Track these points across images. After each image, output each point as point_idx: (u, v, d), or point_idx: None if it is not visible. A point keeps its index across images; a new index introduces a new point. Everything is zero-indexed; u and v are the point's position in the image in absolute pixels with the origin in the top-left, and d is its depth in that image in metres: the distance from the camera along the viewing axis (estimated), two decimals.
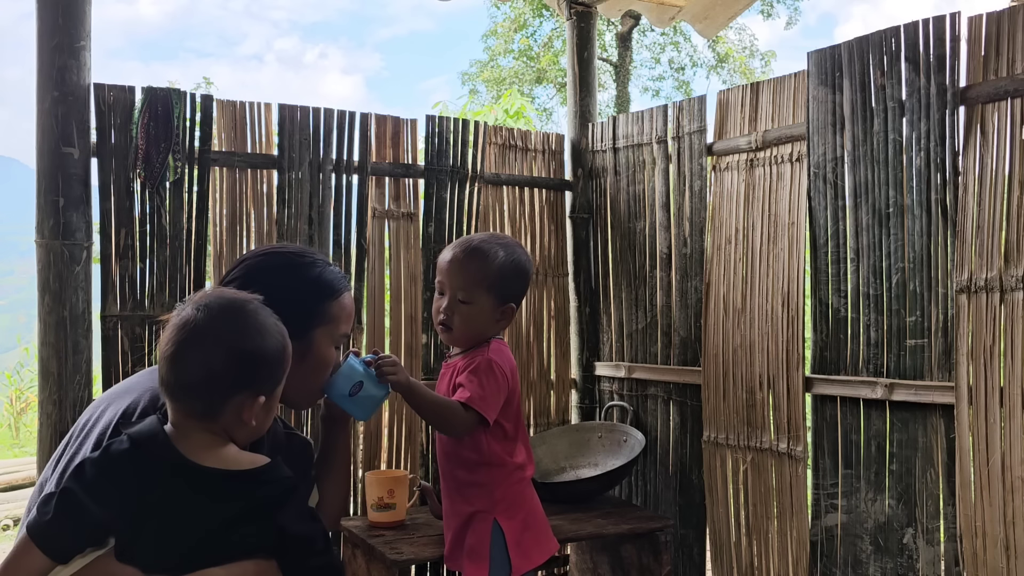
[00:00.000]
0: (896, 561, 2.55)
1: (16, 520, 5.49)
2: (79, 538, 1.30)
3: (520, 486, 2.12)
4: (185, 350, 1.34)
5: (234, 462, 1.37)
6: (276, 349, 1.41)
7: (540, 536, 2.13)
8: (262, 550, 1.37)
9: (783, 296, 2.86)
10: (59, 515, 1.28)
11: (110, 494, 1.30)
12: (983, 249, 2.36)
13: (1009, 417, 2.29)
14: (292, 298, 1.59)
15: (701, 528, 3.17)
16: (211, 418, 1.37)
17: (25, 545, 1.28)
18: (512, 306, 2.10)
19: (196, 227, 2.88)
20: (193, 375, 1.34)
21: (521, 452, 2.13)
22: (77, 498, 1.29)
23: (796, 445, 2.82)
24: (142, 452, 1.33)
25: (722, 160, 3.11)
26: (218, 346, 1.35)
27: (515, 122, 7.51)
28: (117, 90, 2.77)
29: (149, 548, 1.31)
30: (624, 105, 16.11)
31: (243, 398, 1.37)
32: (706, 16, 3.81)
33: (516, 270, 2.09)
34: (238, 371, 1.36)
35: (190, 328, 1.35)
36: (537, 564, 2.10)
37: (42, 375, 2.62)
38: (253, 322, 1.39)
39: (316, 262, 1.70)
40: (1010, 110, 2.33)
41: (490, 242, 2.08)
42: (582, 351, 3.64)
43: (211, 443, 1.37)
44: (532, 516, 2.13)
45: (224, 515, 1.34)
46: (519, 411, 2.17)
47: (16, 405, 9.37)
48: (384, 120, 3.23)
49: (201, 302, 1.38)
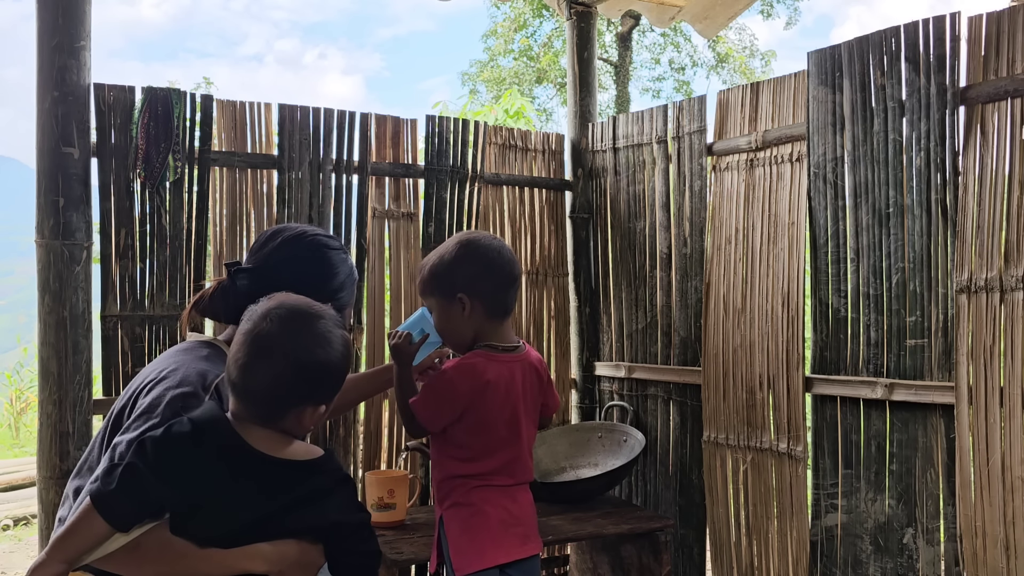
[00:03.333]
0: (896, 561, 2.55)
1: (16, 520, 5.48)
2: (139, 510, 1.37)
3: (468, 489, 2.05)
4: (255, 362, 1.42)
5: (291, 452, 1.45)
6: (339, 359, 1.48)
7: (485, 542, 2.03)
8: (310, 533, 1.46)
9: (783, 296, 2.86)
10: (122, 487, 1.36)
11: (170, 473, 1.37)
12: (983, 249, 2.36)
13: (1009, 417, 2.29)
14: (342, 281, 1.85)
15: (701, 528, 3.17)
16: (272, 424, 1.45)
17: (88, 512, 1.36)
18: (461, 296, 2.04)
19: (196, 227, 2.88)
20: (261, 386, 1.42)
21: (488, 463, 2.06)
22: (140, 473, 1.36)
23: (796, 445, 2.82)
24: (203, 436, 1.40)
25: (722, 160, 3.11)
26: (286, 360, 1.42)
27: (515, 122, 7.51)
28: (117, 90, 2.77)
29: (204, 526, 1.39)
30: (624, 105, 16.11)
31: (304, 408, 1.46)
32: (706, 16, 3.81)
33: (444, 263, 2.08)
34: (302, 385, 1.44)
35: (259, 340, 1.42)
36: (475, 569, 2.00)
37: (42, 375, 2.61)
38: (319, 333, 1.46)
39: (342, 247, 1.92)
40: (1010, 110, 2.33)
41: (431, 254, 2.14)
42: (582, 351, 3.64)
43: (270, 435, 1.45)
44: (477, 519, 2.04)
45: (279, 502, 1.42)
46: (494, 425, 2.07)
47: (16, 405, 9.37)
48: (384, 120, 3.23)
49: (271, 312, 1.45)
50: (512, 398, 2.09)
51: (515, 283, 2.13)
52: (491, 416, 2.06)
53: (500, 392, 2.06)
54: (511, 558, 2.05)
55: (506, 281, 2.10)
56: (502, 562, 2.03)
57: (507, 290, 2.10)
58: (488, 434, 2.07)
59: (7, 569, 4.52)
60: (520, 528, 2.11)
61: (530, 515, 2.15)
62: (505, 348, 2.10)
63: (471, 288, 2.05)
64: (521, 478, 2.14)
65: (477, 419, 2.05)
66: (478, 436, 2.06)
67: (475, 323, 2.07)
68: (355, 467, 3.13)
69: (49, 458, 2.58)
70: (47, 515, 2.57)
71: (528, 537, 2.12)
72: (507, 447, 2.10)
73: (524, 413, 2.12)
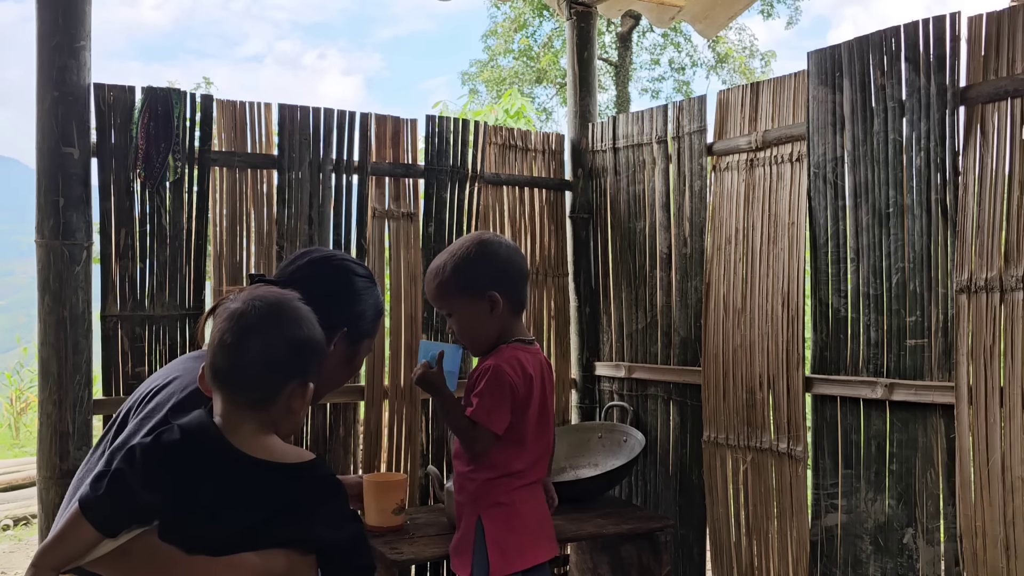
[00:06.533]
0: (896, 561, 2.55)
1: (16, 520, 5.49)
2: (126, 516, 1.37)
3: (511, 489, 2.07)
4: (244, 338, 1.40)
5: (281, 455, 1.43)
6: (321, 339, 1.49)
7: (526, 541, 2.07)
8: (301, 544, 1.43)
9: (783, 296, 2.86)
10: (109, 493, 1.35)
11: (158, 481, 1.36)
12: (983, 249, 2.36)
13: (1009, 417, 2.29)
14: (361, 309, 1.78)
15: (701, 528, 3.17)
16: (265, 407, 1.42)
17: (76, 518, 1.36)
18: (493, 293, 2.06)
19: (196, 227, 2.88)
20: (253, 362, 1.40)
21: (525, 458, 2.09)
22: (127, 480, 1.35)
23: (796, 445, 2.82)
24: (192, 442, 1.39)
25: (722, 160, 3.11)
26: (275, 335, 1.42)
27: (515, 122, 7.50)
28: (117, 90, 2.77)
29: (193, 532, 1.38)
30: (624, 105, 16.11)
31: (296, 385, 1.43)
32: (706, 16, 3.81)
33: (469, 262, 2.07)
34: (294, 358, 1.43)
35: (247, 319, 1.41)
36: (519, 569, 2.04)
37: (42, 375, 2.61)
38: (303, 315, 1.47)
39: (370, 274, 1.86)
40: (1010, 110, 2.33)
41: (440, 256, 2.13)
42: (582, 351, 3.64)
43: (259, 435, 1.42)
44: (519, 520, 2.07)
45: (270, 507, 1.40)
46: (541, 417, 2.10)
47: (16, 405, 9.37)
48: (384, 120, 3.23)
49: (251, 297, 1.45)
50: (545, 391, 2.12)
51: (528, 277, 2.18)
52: (532, 409, 2.08)
53: (538, 385, 2.09)
54: (548, 556, 2.10)
55: (524, 275, 2.15)
56: (541, 560, 2.08)
57: (525, 284, 2.15)
58: (531, 427, 2.09)
59: (7, 569, 4.52)
60: (548, 527, 2.16)
61: (550, 515, 2.19)
62: (530, 342, 2.14)
63: (499, 284, 2.07)
64: (544, 473, 2.19)
65: (525, 412, 2.07)
66: (525, 430, 2.08)
67: (502, 320, 2.09)
68: (355, 467, 3.13)
69: (49, 458, 2.58)
70: (47, 515, 2.57)
71: (553, 537, 2.18)
72: (541, 440, 2.14)
73: (551, 406, 2.16)
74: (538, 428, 2.11)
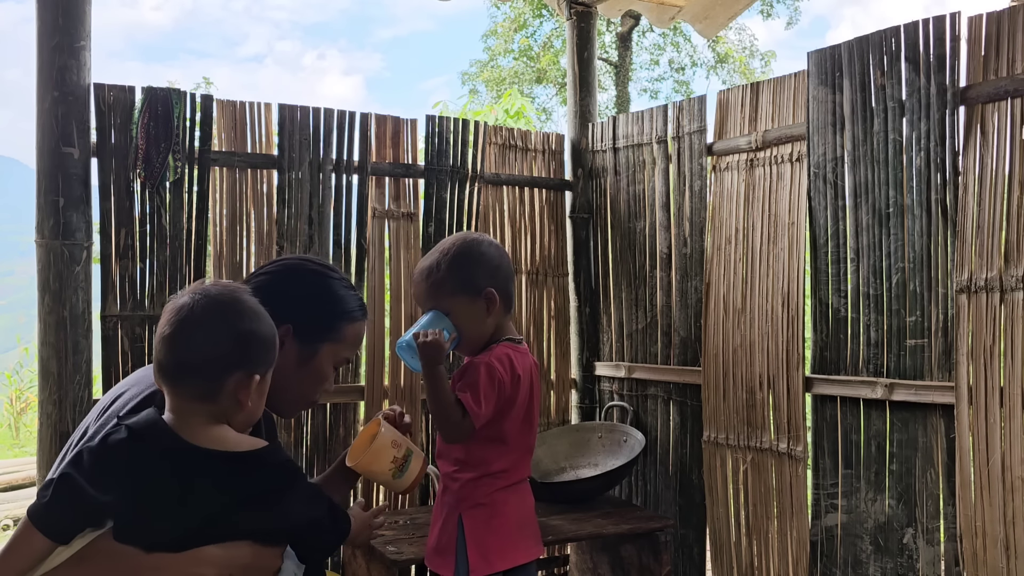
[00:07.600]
0: (896, 561, 2.55)
1: (16, 520, 5.49)
2: (77, 520, 1.34)
3: (492, 490, 2.06)
4: (184, 331, 1.38)
5: (234, 444, 1.41)
6: (269, 332, 1.47)
7: (506, 542, 2.05)
8: (265, 533, 1.42)
9: (783, 296, 2.86)
10: (57, 498, 1.33)
11: (107, 481, 1.34)
12: (983, 249, 2.36)
13: (1009, 417, 2.29)
14: (313, 307, 1.70)
15: (701, 528, 3.17)
16: (211, 399, 1.40)
17: (26, 528, 1.34)
18: (490, 291, 2.05)
19: (196, 227, 2.88)
20: (193, 354, 1.38)
21: (507, 458, 2.08)
22: (75, 482, 1.33)
23: (796, 445, 2.82)
24: (141, 441, 1.37)
25: (722, 160, 3.11)
26: (216, 326, 1.40)
27: (515, 122, 7.50)
28: (117, 90, 2.77)
29: (150, 530, 1.35)
30: (624, 105, 16.11)
31: (240, 376, 1.41)
32: (706, 16, 3.81)
33: (464, 260, 2.06)
34: (235, 349, 1.41)
35: (187, 310, 1.39)
36: (499, 569, 2.02)
37: (42, 375, 2.61)
38: (248, 307, 1.45)
39: (344, 282, 1.78)
40: (1010, 110, 2.33)
41: (429, 256, 2.11)
42: (582, 351, 3.64)
43: (210, 426, 1.40)
44: (499, 520, 2.05)
45: (226, 498, 1.38)
46: (526, 416, 2.10)
47: (16, 405, 9.37)
48: (384, 120, 3.23)
49: (197, 290, 1.43)
50: (533, 391, 2.12)
51: (514, 277, 2.19)
52: (517, 409, 2.08)
53: (525, 385, 2.09)
54: (529, 558, 2.08)
55: (512, 275, 2.16)
56: (521, 562, 2.06)
57: (513, 283, 2.16)
58: (514, 426, 2.09)
59: None
60: (531, 528, 2.14)
61: (535, 516, 2.17)
62: (519, 341, 2.14)
63: (494, 283, 2.07)
64: (527, 473, 2.17)
65: (509, 411, 2.06)
66: (508, 429, 2.07)
67: (496, 319, 2.09)
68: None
69: (49, 458, 2.58)
70: None
71: (537, 538, 2.16)
72: (524, 440, 2.13)
73: (536, 407, 2.16)
74: (522, 428, 2.10)
